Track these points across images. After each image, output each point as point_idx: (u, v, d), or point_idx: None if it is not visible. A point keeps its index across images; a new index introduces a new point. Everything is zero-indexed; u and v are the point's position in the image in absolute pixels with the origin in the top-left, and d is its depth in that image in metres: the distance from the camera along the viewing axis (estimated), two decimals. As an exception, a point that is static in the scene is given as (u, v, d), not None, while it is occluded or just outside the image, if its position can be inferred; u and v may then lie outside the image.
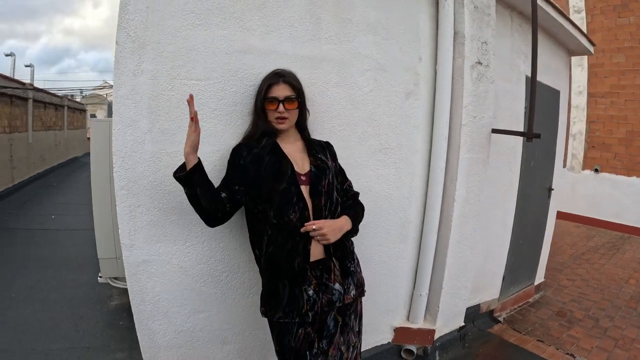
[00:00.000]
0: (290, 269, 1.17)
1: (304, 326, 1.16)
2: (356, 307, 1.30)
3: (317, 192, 1.22)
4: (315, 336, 1.18)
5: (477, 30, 1.89)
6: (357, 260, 1.35)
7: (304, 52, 1.54)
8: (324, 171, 1.27)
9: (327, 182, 1.26)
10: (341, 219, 1.25)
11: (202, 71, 1.37)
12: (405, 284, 2.09)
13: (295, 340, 1.16)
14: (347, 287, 1.23)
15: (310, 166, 1.26)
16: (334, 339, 1.20)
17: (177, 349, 1.51)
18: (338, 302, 1.21)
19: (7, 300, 2.73)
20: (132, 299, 1.41)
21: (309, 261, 1.18)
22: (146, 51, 1.28)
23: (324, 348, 1.18)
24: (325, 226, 1.17)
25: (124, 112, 1.30)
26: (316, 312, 1.16)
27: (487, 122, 2.01)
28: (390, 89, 1.80)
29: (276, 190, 1.19)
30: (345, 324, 1.24)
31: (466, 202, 2.01)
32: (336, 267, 1.22)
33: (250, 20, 1.42)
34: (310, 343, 1.17)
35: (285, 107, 1.25)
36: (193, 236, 1.47)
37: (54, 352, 2.13)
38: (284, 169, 1.22)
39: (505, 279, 2.63)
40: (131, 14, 1.23)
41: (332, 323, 1.21)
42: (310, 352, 1.16)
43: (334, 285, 1.20)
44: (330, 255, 1.21)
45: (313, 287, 1.17)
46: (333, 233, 1.19)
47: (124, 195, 1.35)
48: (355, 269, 1.30)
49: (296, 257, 1.17)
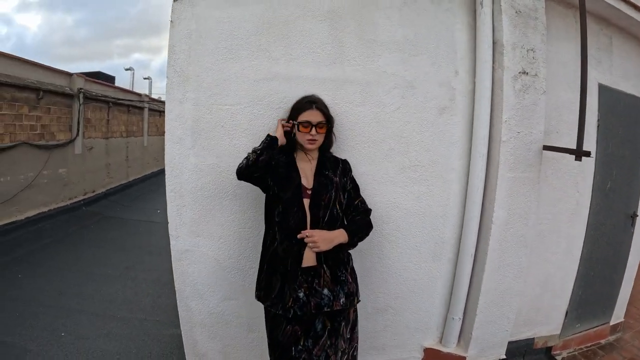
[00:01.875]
0: (283, 266, 1.37)
1: (292, 323, 1.35)
2: (348, 315, 1.43)
3: (316, 205, 1.39)
4: (302, 334, 1.35)
5: (520, 37, 1.75)
6: (350, 271, 1.47)
7: (327, 75, 1.70)
8: (326, 187, 1.42)
9: (328, 197, 1.41)
10: (335, 232, 1.39)
11: (234, 97, 1.66)
12: (439, 305, 2.06)
13: (282, 335, 1.37)
14: (337, 294, 1.37)
15: (314, 182, 1.42)
16: (319, 341, 1.35)
17: (209, 327, 1.86)
18: (326, 307, 1.35)
19: (104, 276, 3.56)
20: (176, 280, 1.80)
21: (301, 265, 1.36)
22: (189, 83, 1.62)
23: (309, 346, 1.34)
24: (317, 235, 1.33)
25: (174, 131, 1.66)
26: (304, 313, 1.33)
27: (536, 137, 1.83)
28: (421, 105, 1.81)
29: (282, 198, 1.40)
30: (335, 329, 1.38)
31: (508, 225, 1.88)
32: (326, 274, 1.37)
33: (276, 50, 1.64)
34: (296, 339, 1.35)
35: (317, 130, 1.44)
36: (226, 235, 1.79)
37: (129, 320, 2.77)
38: (293, 182, 1.42)
39: (570, 314, 2.33)
40: (177, 53, 1.58)
41: (320, 326, 1.37)
42: (295, 347, 1.35)
43: (322, 290, 1.35)
44: (322, 263, 1.37)
45: (304, 291, 1.35)
46: (324, 242, 1.34)
47: (173, 197, 1.73)
48: (347, 278, 1.42)
49: (290, 257, 1.36)
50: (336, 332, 1.38)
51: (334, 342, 1.37)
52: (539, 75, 1.81)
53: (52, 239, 4.62)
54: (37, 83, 4.99)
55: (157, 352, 2.37)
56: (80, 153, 6.19)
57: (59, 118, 5.64)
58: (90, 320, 2.72)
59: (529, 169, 1.86)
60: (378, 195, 1.83)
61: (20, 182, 4.75)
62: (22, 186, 4.77)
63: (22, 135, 4.79)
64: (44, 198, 5.27)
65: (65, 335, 2.51)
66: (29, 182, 4.91)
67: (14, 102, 4.61)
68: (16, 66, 4.69)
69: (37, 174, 5.08)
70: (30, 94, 4.91)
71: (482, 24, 1.76)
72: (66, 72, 5.94)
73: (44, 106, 5.24)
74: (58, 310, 2.83)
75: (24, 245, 4.22)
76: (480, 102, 1.80)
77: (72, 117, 5.98)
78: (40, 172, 5.15)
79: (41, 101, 5.12)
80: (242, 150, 1.69)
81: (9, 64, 4.57)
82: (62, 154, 5.72)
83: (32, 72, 4.99)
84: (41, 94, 5.07)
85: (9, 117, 4.55)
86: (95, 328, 2.61)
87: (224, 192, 1.75)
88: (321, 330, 1.36)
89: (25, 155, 4.86)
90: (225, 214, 1.77)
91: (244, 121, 1.68)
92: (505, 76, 1.75)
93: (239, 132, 1.69)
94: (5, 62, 4.51)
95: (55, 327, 2.59)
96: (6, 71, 4.46)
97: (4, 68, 4.43)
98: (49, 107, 5.36)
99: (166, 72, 1.61)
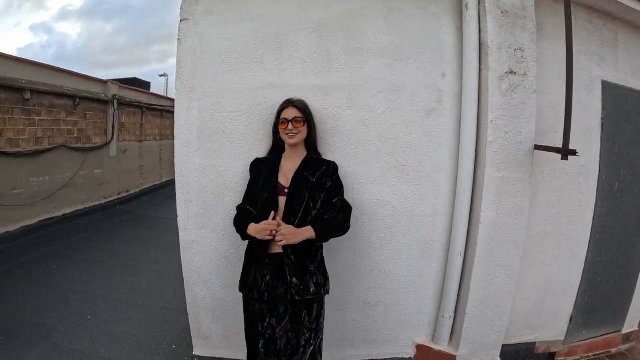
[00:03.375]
0: (256, 254, 1.65)
1: (259, 303, 1.63)
2: (310, 305, 1.64)
3: (290, 203, 1.63)
4: (267, 313, 1.62)
5: (507, 36, 1.88)
6: (319, 264, 1.70)
7: (315, 82, 1.95)
8: (301, 188, 1.65)
9: (302, 196, 1.64)
10: (303, 228, 1.60)
11: (234, 105, 1.96)
12: (430, 302, 2.23)
13: (252, 312, 1.65)
14: (306, 284, 1.61)
15: (291, 183, 1.67)
16: (282, 322, 1.61)
17: (212, 312, 2.17)
18: (297, 296, 1.59)
19: (132, 269, 4.06)
20: (184, 267, 2.13)
21: (267, 252, 1.62)
22: (194, 93, 1.94)
23: (273, 324, 1.61)
24: (284, 229, 1.55)
25: (181, 136, 1.99)
26: (270, 295, 1.60)
27: (526, 137, 1.95)
28: (407, 108, 2.01)
29: (262, 198, 1.68)
30: (296, 315, 1.62)
31: (497, 225, 2.01)
32: (293, 264, 1.61)
33: (269, 62, 1.93)
34: (262, 317, 1.62)
35: (293, 125, 1.69)
36: (228, 228, 2.07)
37: (150, 308, 3.17)
38: (271, 183, 1.68)
39: (575, 319, 2.38)
40: (183, 67, 1.91)
41: (282, 309, 1.62)
42: (262, 324, 1.62)
43: (292, 279, 1.60)
44: (288, 252, 1.60)
45: (270, 274, 1.61)
46: (291, 235, 1.55)
47: (181, 193, 2.06)
48: (316, 270, 1.66)
49: (260, 247, 1.63)
50: (297, 318, 1.62)
51: (294, 327, 1.61)
52: (529, 75, 1.93)
53: (86, 234, 5.27)
54: (74, 90, 5.70)
55: (171, 337, 2.73)
56: (115, 155, 6.91)
57: (94, 123, 6.35)
58: (115, 306, 3.16)
59: (519, 169, 1.98)
60: (366, 194, 2.05)
61: (58, 182, 5.43)
62: (60, 185, 5.46)
63: (60, 138, 5.48)
64: (80, 196, 5.97)
65: (91, 318, 2.94)
66: (66, 181, 5.60)
67: (52, 109, 5.30)
68: (54, 75, 5.39)
69: (73, 175, 5.77)
70: (68, 100, 5.60)
71: (467, 26, 1.91)
72: (101, 80, 6.67)
73: (81, 112, 5.94)
74: (86, 296, 3.31)
75: (59, 239, 4.85)
76: (466, 103, 1.96)
77: (107, 121, 6.71)
78: (76, 173, 5.84)
79: (78, 107, 5.83)
80: (240, 152, 1.99)
81: (47, 74, 5.26)
82: (97, 156, 6.44)
83: (68, 80, 5.69)
84: (77, 100, 5.78)
85: (47, 122, 5.23)
86: (119, 313, 3.04)
87: (225, 190, 2.04)
88: (283, 313, 1.61)
89: (63, 157, 5.55)
90: (226, 209, 2.06)
91: (241, 126, 1.98)
92: (491, 76, 1.89)
93: (237, 136, 1.98)
94: (43, 72, 5.19)
95: (82, 311, 3.04)
96: (44, 80, 5.14)
97: (42, 77, 5.12)
98: (85, 113, 6.06)
99: (175, 84, 1.94)
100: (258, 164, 1.81)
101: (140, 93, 8.20)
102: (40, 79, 5.08)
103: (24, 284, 3.52)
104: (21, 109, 4.77)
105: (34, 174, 5.00)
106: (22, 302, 3.17)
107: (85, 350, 2.53)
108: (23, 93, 4.75)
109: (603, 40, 2.21)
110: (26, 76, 4.83)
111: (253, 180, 1.78)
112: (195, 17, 1.89)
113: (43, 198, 5.13)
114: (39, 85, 5.00)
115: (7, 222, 4.55)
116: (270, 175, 1.71)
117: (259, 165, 1.81)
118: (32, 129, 4.95)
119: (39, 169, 5.08)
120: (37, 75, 5.05)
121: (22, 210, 4.78)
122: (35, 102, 4.96)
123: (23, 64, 4.89)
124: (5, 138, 4.55)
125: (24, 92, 4.75)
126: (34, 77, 4.97)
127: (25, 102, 4.81)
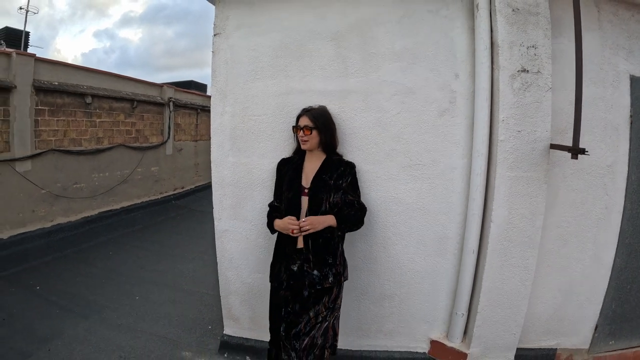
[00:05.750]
0: (282, 249, 1.93)
1: (284, 289, 1.90)
2: (331, 289, 1.90)
3: (311, 202, 1.89)
4: (291, 299, 1.89)
5: (518, 34, 1.97)
6: (339, 256, 1.94)
7: (334, 87, 2.20)
8: (319, 188, 1.90)
9: (321, 197, 1.89)
10: (326, 216, 1.87)
11: (261, 109, 2.27)
12: (444, 299, 2.37)
13: (276, 297, 1.93)
14: (326, 274, 1.86)
15: (312, 184, 1.92)
16: (305, 304, 1.87)
17: (241, 295, 2.51)
18: (318, 285, 1.85)
19: (181, 257, 4.62)
20: (217, 254, 2.48)
21: (296, 246, 1.88)
22: (227, 99, 2.28)
23: (296, 309, 1.87)
24: (308, 220, 1.82)
25: (216, 137, 2.34)
26: (294, 284, 1.86)
27: (541, 136, 2.02)
28: (421, 109, 2.18)
29: (287, 197, 1.95)
30: (318, 297, 1.87)
31: (510, 225, 2.10)
32: (314, 258, 1.86)
33: (291, 69, 2.21)
34: (286, 302, 1.90)
35: (304, 132, 1.96)
36: (256, 219, 2.39)
37: (193, 292, 3.63)
38: (295, 184, 1.95)
39: (601, 328, 2.36)
40: (217, 76, 2.26)
41: (306, 293, 1.87)
42: (285, 308, 1.90)
43: (312, 271, 1.86)
44: (309, 248, 1.87)
45: (297, 266, 1.88)
46: (317, 223, 1.83)
47: (217, 187, 2.41)
48: (335, 261, 1.90)
49: (289, 244, 1.90)
50: (319, 299, 1.88)
51: (315, 307, 1.87)
52: (543, 72, 1.99)
53: (141, 225, 6.02)
54: (132, 94, 6.49)
55: (209, 319, 3.13)
56: (171, 154, 7.75)
57: (151, 124, 7.16)
58: (161, 289, 3.67)
59: (534, 168, 2.06)
60: (382, 190, 2.26)
61: (117, 178, 6.24)
62: (119, 181, 6.26)
63: (119, 138, 6.29)
64: (138, 191, 6.79)
65: (139, 298, 3.46)
66: (125, 177, 6.40)
67: (111, 111, 6.12)
68: (113, 81, 6.22)
69: (131, 171, 6.57)
70: (126, 103, 6.41)
71: (478, 26, 2.04)
72: (157, 84, 7.49)
73: (138, 114, 6.74)
74: (136, 280, 3.87)
75: (117, 229, 5.61)
76: (478, 103, 2.08)
77: (163, 122, 7.53)
78: (134, 170, 6.65)
79: (135, 109, 6.62)
80: (267, 151, 2.30)
81: (106, 79, 6.07)
82: (154, 154, 7.26)
83: (127, 85, 6.51)
84: (135, 103, 6.57)
85: (107, 124, 6.05)
86: (164, 295, 3.53)
87: (254, 185, 2.36)
88: (307, 297, 1.87)
89: (122, 155, 6.36)
90: (255, 202, 2.37)
91: (267, 129, 2.29)
92: (502, 75, 1.99)
93: (264, 137, 2.30)
94: (103, 78, 6.01)
95: (131, 293, 3.57)
96: (104, 85, 5.96)
97: (102, 83, 5.94)
98: (142, 115, 6.87)
99: (210, 91, 2.31)
100: (284, 164, 2.09)
101: (195, 95, 9.05)
102: (101, 84, 5.89)
103: (82, 267, 4.20)
104: (83, 112, 5.58)
105: (95, 170, 5.82)
106: (78, 282, 3.80)
107: (130, 325, 3.00)
108: (85, 97, 5.56)
109: (631, 33, 2.18)
110: (88, 82, 5.65)
111: (279, 180, 2.07)
112: (226, 31, 2.24)
113: (103, 192, 5.93)
114: (99, 90, 5.81)
115: (69, 213, 5.37)
116: (293, 176, 1.97)
117: (284, 165, 2.09)
118: (93, 129, 5.77)
119: (100, 166, 5.90)
120: (98, 81, 5.86)
121: (84, 203, 5.60)
122: (95, 105, 5.78)
123: (85, 72, 5.72)
124: (69, 138, 5.37)
125: (85, 96, 5.56)
126: (95, 83, 5.78)
127: (87, 106, 5.63)
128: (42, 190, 4.90)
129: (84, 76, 5.61)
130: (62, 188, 5.21)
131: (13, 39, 8.47)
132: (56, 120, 5.09)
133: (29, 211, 4.74)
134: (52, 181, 5.07)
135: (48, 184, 4.99)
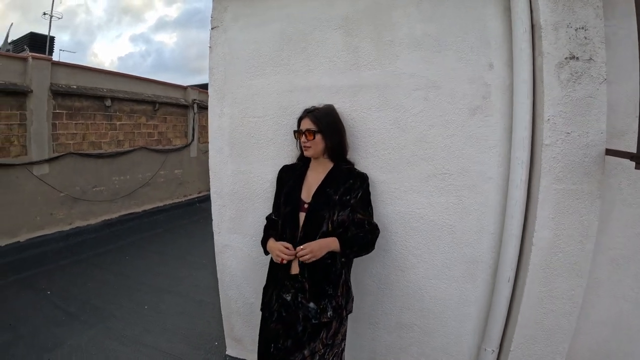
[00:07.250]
0: (275, 274, 1.68)
1: (275, 322, 1.64)
2: (329, 323, 1.62)
3: (309, 221, 1.62)
4: (282, 334, 1.62)
5: (565, 13, 1.60)
6: (342, 286, 1.65)
7: (343, 82, 1.93)
8: (321, 207, 1.62)
9: (322, 215, 1.61)
10: (328, 239, 1.59)
11: (261, 110, 2.05)
12: (471, 332, 2.03)
13: (267, 331, 1.67)
14: (324, 307, 1.59)
15: (312, 199, 1.65)
16: (298, 341, 1.59)
17: (244, 316, 2.30)
18: (314, 320, 1.58)
19: (199, 265, 4.50)
20: (218, 270, 2.29)
21: (290, 272, 1.63)
22: (225, 99, 2.08)
23: (287, 346, 1.60)
24: (308, 247, 1.54)
25: (215, 142, 2.15)
26: (287, 315, 1.60)
27: (594, 139, 1.63)
28: (447, 106, 1.86)
29: (284, 212, 1.70)
30: (314, 333, 1.60)
31: (554, 248, 1.73)
32: (310, 288, 1.59)
33: (295, 63, 1.97)
34: (276, 338, 1.63)
35: (306, 137, 1.70)
36: (258, 233, 2.15)
37: (205, 303, 3.45)
38: (293, 197, 1.70)
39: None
40: (215, 74, 2.06)
41: (301, 328, 1.60)
42: (275, 344, 1.63)
43: (308, 304, 1.58)
44: (305, 276, 1.59)
45: (291, 295, 1.61)
46: (318, 250, 1.55)
47: (216, 198, 2.22)
48: (335, 292, 1.62)
49: (281, 268, 1.63)
50: (315, 336, 1.60)
51: (311, 345, 1.59)
52: (595, 60, 1.61)
53: (163, 229, 6.03)
54: (154, 96, 6.52)
55: (217, 334, 2.94)
56: (195, 156, 7.74)
57: (174, 126, 7.19)
58: (173, 299, 3.56)
59: (586, 179, 1.68)
60: (400, 205, 1.95)
61: (138, 180, 6.28)
62: (140, 184, 6.30)
63: (141, 141, 6.33)
64: (161, 194, 6.81)
65: (148, 308, 3.35)
66: (147, 180, 6.44)
67: (132, 114, 6.16)
68: (134, 83, 6.25)
69: (154, 174, 6.61)
70: (147, 106, 6.44)
71: (515, 5, 1.68)
72: (181, 86, 7.52)
73: (160, 116, 6.77)
74: (149, 287, 3.78)
75: (138, 233, 5.63)
76: (517, 98, 1.73)
77: (187, 124, 7.54)
78: (157, 172, 6.68)
79: (157, 112, 6.65)
80: (268, 157, 2.07)
81: (126, 82, 6.10)
82: (178, 157, 7.27)
83: (148, 87, 6.54)
84: (157, 105, 6.59)
85: (128, 127, 6.09)
86: (175, 306, 3.41)
87: (255, 195, 2.15)
88: (301, 332, 1.60)
89: (144, 158, 6.39)
90: (256, 214, 2.16)
91: (269, 131, 2.06)
92: (546, 64, 1.63)
93: (265, 141, 2.07)
94: (122, 80, 6.04)
95: (141, 301, 3.47)
96: (124, 88, 6.00)
97: (123, 86, 5.97)
98: (165, 117, 6.90)
99: (208, 91, 2.11)
100: (285, 171, 1.85)
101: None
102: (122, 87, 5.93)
103: (96, 272, 4.18)
104: (103, 115, 5.63)
105: (115, 173, 5.86)
106: (90, 287, 3.76)
107: (135, 338, 2.89)
108: (104, 100, 5.60)
109: None
110: (108, 85, 5.69)
111: (278, 191, 1.83)
112: (224, 24, 2.04)
113: (124, 195, 5.98)
114: (119, 93, 5.85)
115: (89, 216, 5.43)
116: (293, 187, 1.73)
117: (285, 173, 1.84)
118: (113, 132, 5.81)
119: (120, 169, 5.94)
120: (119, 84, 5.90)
121: (104, 206, 5.65)
122: (115, 108, 5.82)
123: (104, 75, 5.77)
124: (88, 141, 5.43)
125: (104, 99, 5.60)
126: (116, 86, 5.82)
127: (107, 109, 5.67)
128: (60, 193, 4.97)
129: (104, 79, 5.67)
130: (81, 191, 5.28)
131: (38, 44, 8.74)
132: (75, 124, 5.16)
133: (47, 214, 4.82)
134: (71, 184, 5.14)
135: (67, 187, 5.06)
